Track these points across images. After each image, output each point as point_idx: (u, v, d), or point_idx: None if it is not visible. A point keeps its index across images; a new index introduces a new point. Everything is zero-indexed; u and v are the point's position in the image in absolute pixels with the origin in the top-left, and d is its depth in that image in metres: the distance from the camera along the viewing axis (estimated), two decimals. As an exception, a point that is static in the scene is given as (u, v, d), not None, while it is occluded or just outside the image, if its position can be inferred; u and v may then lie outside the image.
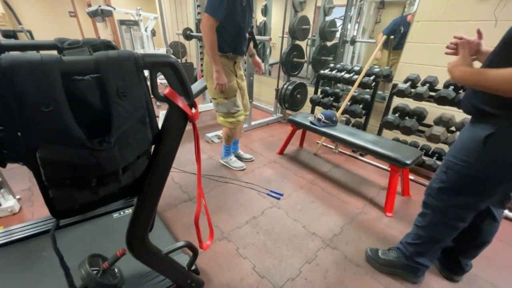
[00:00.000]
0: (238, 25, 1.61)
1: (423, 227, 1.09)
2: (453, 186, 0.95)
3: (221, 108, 1.81)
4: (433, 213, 1.04)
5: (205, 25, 1.48)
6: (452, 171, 0.94)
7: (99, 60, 0.52)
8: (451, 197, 0.97)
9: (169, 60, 0.62)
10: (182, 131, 0.72)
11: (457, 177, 0.93)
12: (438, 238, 1.06)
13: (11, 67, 0.43)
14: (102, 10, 3.76)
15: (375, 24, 4.10)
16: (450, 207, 0.99)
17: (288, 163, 2.29)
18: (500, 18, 1.68)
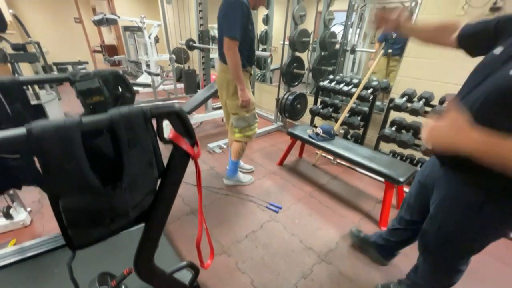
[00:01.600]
0: (251, 38, 1.61)
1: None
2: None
3: (242, 123, 1.79)
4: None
5: (228, 49, 1.48)
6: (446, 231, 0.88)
7: (113, 118, 0.59)
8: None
9: (174, 110, 0.69)
10: (185, 167, 0.79)
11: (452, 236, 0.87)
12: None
13: (42, 135, 0.50)
14: (107, 18, 3.84)
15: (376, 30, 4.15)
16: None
17: (287, 175, 2.35)
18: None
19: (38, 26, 5.40)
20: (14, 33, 4.24)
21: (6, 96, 0.96)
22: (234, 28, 1.44)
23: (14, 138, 0.50)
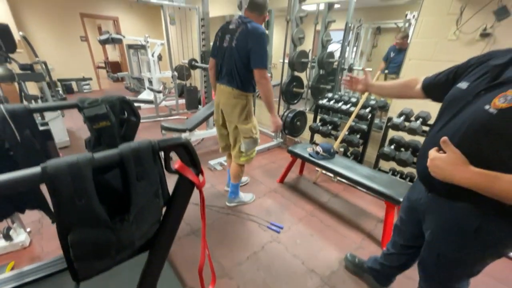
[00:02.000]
0: None
1: None
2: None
3: (252, 145, 1.80)
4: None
5: (262, 78, 1.53)
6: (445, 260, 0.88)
7: (123, 153, 0.62)
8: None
9: (181, 142, 0.72)
10: (189, 196, 0.81)
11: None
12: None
13: (55, 173, 0.52)
14: (113, 38, 3.98)
15: (372, 48, 4.29)
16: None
17: (288, 193, 2.35)
18: (485, 62, 1.80)
19: (45, 44, 5.57)
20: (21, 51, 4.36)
21: (17, 124, 0.99)
22: (265, 59, 1.52)
23: (29, 177, 0.52)
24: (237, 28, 1.55)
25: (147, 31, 6.68)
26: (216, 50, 1.70)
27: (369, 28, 4.12)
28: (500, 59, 0.71)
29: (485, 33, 1.71)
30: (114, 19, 6.57)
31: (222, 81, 1.70)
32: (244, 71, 1.58)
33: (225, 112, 1.77)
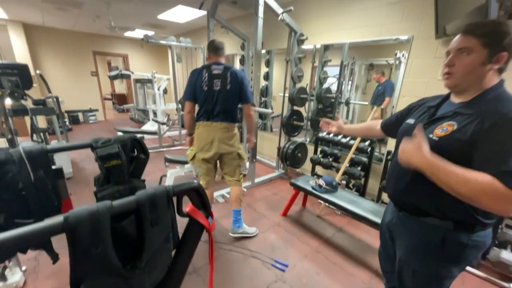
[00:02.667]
0: None
1: None
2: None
3: (243, 164, 2.06)
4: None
5: (252, 110, 1.94)
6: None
7: (140, 200, 0.65)
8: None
9: (194, 186, 0.75)
10: (199, 239, 0.82)
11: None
12: None
13: (76, 222, 0.55)
14: (122, 74, 4.22)
15: (367, 82, 4.54)
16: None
17: (291, 227, 2.31)
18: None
19: (57, 79, 5.88)
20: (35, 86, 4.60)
21: (33, 164, 1.03)
22: (252, 95, 1.83)
23: (51, 228, 0.54)
24: (225, 73, 1.78)
25: (155, 67, 7.10)
26: (204, 94, 1.80)
27: (363, 64, 4.41)
28: (432, 102, 0.92)
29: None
30: (124, 56, 7.02)
31: (216, 119, 1.83)
32: (235, 108, 1.89)
33: (225, 144, 1.88)
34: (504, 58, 0.72)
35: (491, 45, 0.72)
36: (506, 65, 0.75)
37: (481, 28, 0.74)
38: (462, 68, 0.77)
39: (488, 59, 0.73)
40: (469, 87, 0.78)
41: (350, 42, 2.90)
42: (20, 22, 5.11)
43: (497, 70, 0.75)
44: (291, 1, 3.23)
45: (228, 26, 3.28)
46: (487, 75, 0.75)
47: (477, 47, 0.73)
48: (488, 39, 0.72)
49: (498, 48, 0.71)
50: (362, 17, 2.62)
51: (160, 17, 4.33)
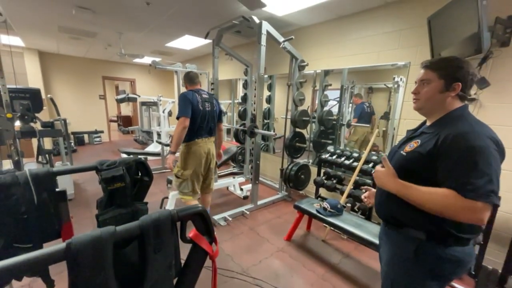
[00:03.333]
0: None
1: None
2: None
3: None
4: None
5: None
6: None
7: (144, 225, 0.64)
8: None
9: (199, 211, 0.74)
10: (202, 266, 0.79)
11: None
12: None
13: (79, 248, 0.54)
14: (129, 97, 4.37)
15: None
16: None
17: (296, 252, 2.22)
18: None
19: (66, 102, 6.09)
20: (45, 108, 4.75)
21: (37, 187, 1.03)
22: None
23: (53, 255, 0.53)
24: (211, 98, 2.22)
25: (160, 91, 7.34)
26: (200, 113, 2.10)
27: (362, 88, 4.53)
28: (412, 130, 1.05)
29: (470, 98, 1.87)
30: (132, 81, 7.31)
31: (205, 135, 2.20)
32: (215, 125, 2.30)
33: (213, 156, 2.31)
34: (459, 87, 0.85)
35: (445, 77, 0.87)
36: (465, 92, 0.87)
37: (437, 64, 0.90)
38: (424, 95, 0.92)
39: (445, 88, 0.87)
40: (432, 110, 0.93)
41: (349, 67, 3.01)
42: (36, 50, 5.43)
43: (456, 96, 0.87)
44: (292, 31, 3.42)
45: (232, 53, 3.45)
46: (446, 100, 0.88)
47: (434, 78, 0.89)
48: (443, 72, 0.88)
49: (452, 80, 0.86)
50: (360, 44, 2.75)
51: (168, 45, 4.58)
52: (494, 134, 0.81)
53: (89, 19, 3.24)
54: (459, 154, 0.78)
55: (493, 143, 0.78)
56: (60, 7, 2.87)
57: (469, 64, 0.86)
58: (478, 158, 0.75)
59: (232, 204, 3.20)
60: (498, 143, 0.80)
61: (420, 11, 2.23)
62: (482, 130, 0.80)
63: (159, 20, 3.27)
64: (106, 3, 2.74)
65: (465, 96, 0.88)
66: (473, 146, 0.76)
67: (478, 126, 0.82)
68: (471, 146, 0.77)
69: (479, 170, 0.74)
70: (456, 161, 0.78)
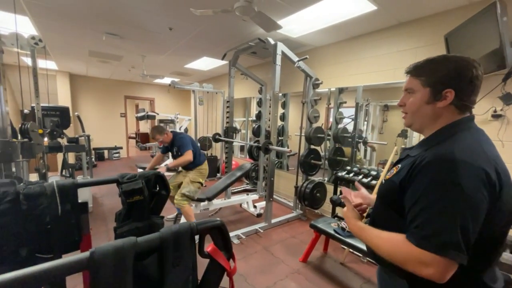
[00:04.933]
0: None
1: None
2: None
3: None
4: None
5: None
6: None
7: (164, 237, 0.64)
8: None
9: (218, 224, 0.73)
10: (219, 282, 0.76)
11: None
12: None
13: (102, 259, 0.54)
14: (148, 115, 4.57)
15: (383, 123, 4.53)
16: None
17: (312, 275, 2.09)
18: (504, 139, 1.82)
19: (90, 119, 6.47)
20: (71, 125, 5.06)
21: (62, 198, 1.07)
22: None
23: (77, 262, 0.54)
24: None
25: (178, 109, 7.66)
26: (197, 147, 2.80)
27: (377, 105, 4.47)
28: (408, 149, 0.84)
29: (496, 115, 1.80)
30: (151, 100, 7.70)
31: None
32: None
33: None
34: (451, 94, 0.66)
35: (432, 84, 0.69)
36: (463, 100, 0.67)
37: (420, 68, 0.72)
38: (409, 107, 0.75)
39: (432, 97, 0.69)
40: (423, 126, 0.75)
41: (364, 85, 3.01)
42: (68, 73, 5.92)
43: (452, 106, 0.68)
44: (307, 51, 3.52)
45: (247, 73, 3.58)
46: (442, 113, 0.70)
47: (418, 87, 0.72)
48: (428, 78, 0.70)
49: (441, 86, 0.67)
50: (375, 62, 2.77)
51: (186, 66, 4.84)
52: (492, 161, 0.60)
53: (117, 44, 3.53)
54: (420, 188, 0.61)
55: (483, 178, 0.58)
56: (91, 34, 3.16)
57: (466, 63, 0.66)
58: (445, 195, 0.58)
59: (246, 221, 3.13)
60: (490, 177, 0.58)
61: (434, 30, 2.24)
62: (472, 156, 0.59)
63: (179, 44, 3.49)
64: (133, 29, 2.98)
65: (466, 106, 0.68)
66: (441, 179, 0.59)
67: (470, 149, 0.62)
68: (438, 179, 0.59)
69: (442, 212, 0.57)
70: (418, 195, 0.61)
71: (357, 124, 3.42)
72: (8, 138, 1.43)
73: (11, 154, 1.42)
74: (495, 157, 0.63)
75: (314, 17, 2.48)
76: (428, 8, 2.18)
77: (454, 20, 2.00)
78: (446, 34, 2.02)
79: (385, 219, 0.76)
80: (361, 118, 3.76)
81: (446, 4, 2.08)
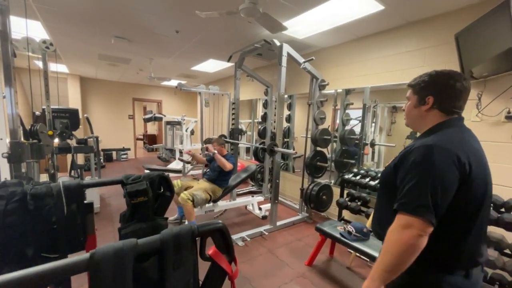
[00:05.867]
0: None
1: None
2: None
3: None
4: None
5: None
6: None
7: (164, 239, 0.63)
8: None
9: (219, 226, 0.73)
10: (220, 286, 0.75)
11: None
12: None
13: (102, 261, 0.54)
14: (155, 117, 4.63)
15: (391, 124, 4.44)
16: None
17: (318, 279, 2.06)
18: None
19: (99, 121, 6.61)
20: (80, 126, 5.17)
21: (68, 199, 1.09)
22: None
23: (77, 263, 0.54)
24: None
25: (184, 111, 7.73)
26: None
27: (385, 107, 4.39)
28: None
29: (510, 116, 1.73)
30: (158, 102, 7.81)
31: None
32: None
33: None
34: (431, 100, 0.85)
35: (418, 92, 0.89)
36: (443, 105, 0.84)
37: (413, 81, 0.92)
38: (406, 111, 0.96)
39: (418, 102, 0.89)
40: (415, 126, 0.95)
41: (372, 86, 2.96)
42: (78, 76, 6.07)
43: (435, 109, 0.86)
44: (313, 52, 3.50)
45: (253, 74, 3.58)
46: (427, 115, 0.88)
47: (411, 95, 0.93)
48: (415, 88, 0.91)
49: (424, 93, 0.87)
50: (382, 63, 2.72)
51: (193, 68, 4.89)
52: (465, 149, 0.76)
53: (125, 47, 3.59)
54: (405, 169, 0.78)
55: (454, 159, 0.73)
56: (101, 37, 3.23)
57: (446, 75, 0.84)
58: (421, 171, 0.74)
59: (250, 223, 3.12)
60: (460, 160, 0.73)
61: (444, 29, 2.18)
62: (447, 143, 0.76)
63: (186, 46, 3.53)
64: (140, 33, 3.03)
65: (449, 109, 0.85)
66: (419, 160, 0.75)
67: (449, 139, 0.78)
68: (418, 160, 0.75)
69: (416, 184, 0.73)
70: (401, 178, 0.78)
71: (364, 126, 3.36)
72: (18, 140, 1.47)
73: (21, 155, 1.46)
74: (474, 149, 0.79)
75: (320, 18, 2.47)
76: (437, 7, 2.14)
77: (465, 19, 1.95)
78: (457, 33, 1.96)
79: (387, 201, 0.86)
80: (368, 119, 3.70)
81: (456, 2, 2.03)
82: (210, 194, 2.74)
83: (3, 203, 0.94)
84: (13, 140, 1.46)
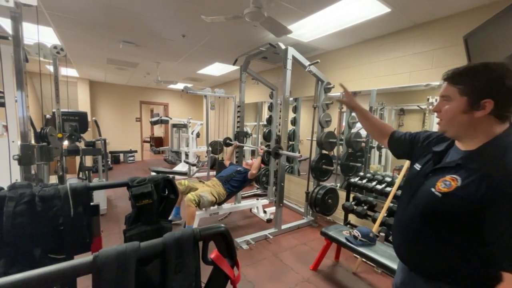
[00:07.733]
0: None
1: None
2: None
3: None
4: None
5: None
6: None
7: (167, 242, 0.63)
8: None
9: (221, 230, 0.72)
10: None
11: None
12: None
13: (104, 263, 0.54)
14: (162, 120, 4.69)
15: (399, 127, 4.37)
16: None
17: (323, 284, 2.02)
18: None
19: (108, 124, 6.74)
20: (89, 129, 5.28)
21: (75, 200, 1.11)
22: None
23: (81, 265, 0.54)
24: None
25: (190, 114, 7.81)
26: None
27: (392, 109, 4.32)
28: (439, 147, 0.82)
29: None
30: (165, 104, 7.91)
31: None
32: None
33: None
34: (489, 105, 0.65)
35: (470, 93, 0.68)
36: (502, 111, 0.66)
37: (459, 76, 0.70)
38: (444, 115, 0.74)
39: (469, 107, 0.68)
40: (459, 134, 0.74)
41: (378, 88, 2.93)
42: (88, 80, 6.22)
43: (492, 116, 0.67)
44: (318, 55, 3.49)
45: (258, 78, 3.59)
46: (480, 123, 0.68)
47: (454, 95, 0.70)
48: (465, 87, 0.68)
49: (478, 96, 0.66)
50: (389, 65, 2.69)
51: (199, 72, 4.94)
52: None
53: (133, 52, 3.66)
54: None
55: None
56: (109, 42, 3.30)
57: (507, 71, 0.64)
58: None
59: (255, 227, 3.10)
60: None
61: (452, 31, 2.14)
62: None
63: (192, 50, 3.57)
64: (147, 37, 3.09)
65: (506, 116, 0.67)
66: None
67: None
68: None
69: None
70: (509, 222, 0.58)
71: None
72: (29, 142, 1.51)
73: (31, 157, 1.49)
74: None
75: (326, 21, 2.46)
76: (445, 8, 2.10)
77: (474, 20, 1.91)
78: (465, 35, 1.92)
79: (427, 237, 0.74)
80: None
81: (465, 4, 2.00)
82: (216, 197, 2.74)
83: (12, 204, 0.96)
84: (24, 142, 1.50)
